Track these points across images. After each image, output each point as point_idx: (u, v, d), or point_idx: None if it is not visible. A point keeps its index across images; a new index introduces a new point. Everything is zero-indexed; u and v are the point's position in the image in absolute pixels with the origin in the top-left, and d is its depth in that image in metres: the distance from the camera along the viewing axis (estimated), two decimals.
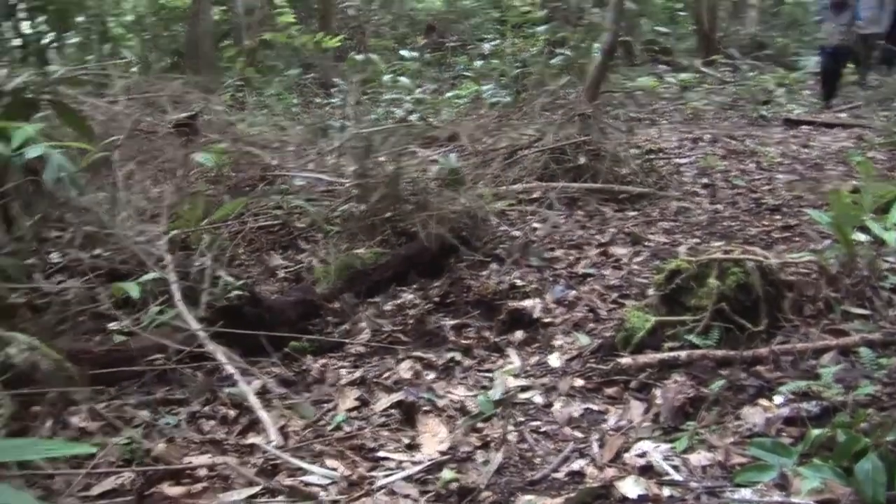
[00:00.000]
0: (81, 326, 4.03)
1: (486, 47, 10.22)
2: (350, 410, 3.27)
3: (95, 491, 2.74)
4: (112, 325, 3.99)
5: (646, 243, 5.19)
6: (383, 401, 3.31)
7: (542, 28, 9.47)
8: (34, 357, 2.96)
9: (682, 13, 15.20)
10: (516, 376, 3.54)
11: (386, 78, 8.47)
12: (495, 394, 3.33)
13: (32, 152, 3.93)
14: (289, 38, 9.65)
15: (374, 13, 13.97)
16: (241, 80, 9.15)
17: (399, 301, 4.34)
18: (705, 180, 6.79)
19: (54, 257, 4.75)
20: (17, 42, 9.30)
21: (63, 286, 4.36)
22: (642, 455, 2.81)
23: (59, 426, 3.17)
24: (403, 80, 8.17)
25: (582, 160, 6.39)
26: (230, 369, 3.36)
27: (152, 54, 11.53)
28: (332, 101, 9.20)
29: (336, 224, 5.06)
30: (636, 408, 3.18)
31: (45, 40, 9.75)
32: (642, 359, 3.42)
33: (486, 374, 3.57)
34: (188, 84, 7.91)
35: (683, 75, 12.19)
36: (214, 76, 9.28)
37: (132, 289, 3.70)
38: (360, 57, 7.86)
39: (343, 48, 10.82)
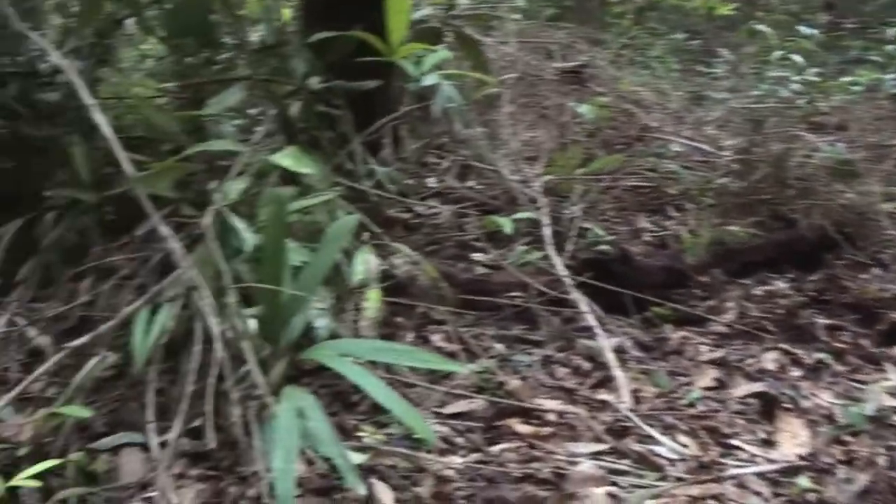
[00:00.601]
0: (447, 251, 4.18)
1: (893, 33, 9.33)
2: (706, 389, 3.11)
3: (448, 410, 2.82)
4: (476, 256, 4.09)
5: None
6: (742, 387, 3.12)
7: None
8: (414, 271, 3.08)
9: None
10: (892, 395, 3.19)
11: (776, 54, 7.94)
12: (867, 408, 3.02)
13: (428, 80, 4.08)
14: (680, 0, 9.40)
15: None
16: (626, 37, 9.06)
17: (769, 287, 4.07)
18: None
19: (431, 182, 4.95)
20: None
21: (435, 210, 4.54)
22: None
23: (419, 341, 3.31)
24: (796, 58, 7.62)
25: None
26: (590, 321, 3.31)
27: (540, 2, 11.69)
28: (715, 70, 8.85)
29: (709, 196, 4.85)
30: None
31: None
32: None
33: (858, 385, 3.25)
34: (573, 35, 7.95)
35: None
36: (599, 30, 9.26)
37: (506, 224, 3.75)
38: (760, 27, 7.44)
39: (732, 18, 10.37)
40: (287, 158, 2.85)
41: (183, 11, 3.52)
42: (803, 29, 8.74)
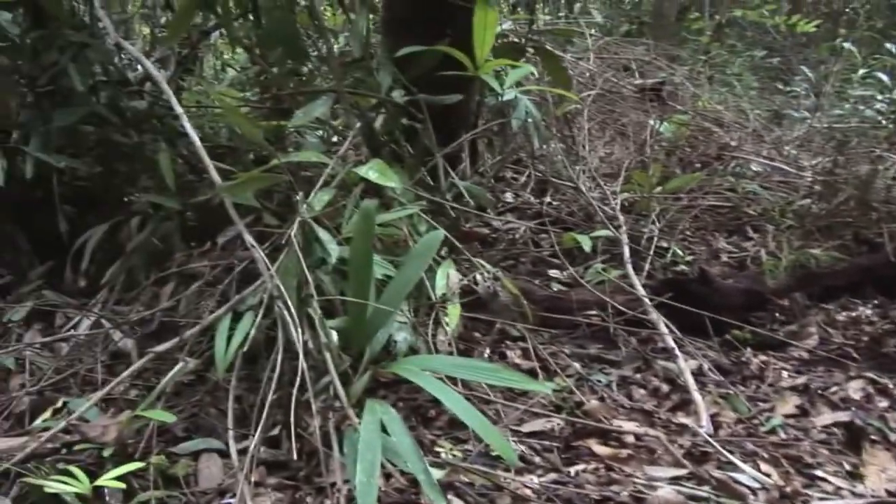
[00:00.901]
0: (523, 267, 4.16)
1: None
2: (787, 417, 3.03)
3: (526, 428, 2.79)
4: (553, 272, 4.06)
5: None
6: (826, 416, 3.03)
7: None
8: (495, 287, 3.07)
9: None
10: None
11: (860, 72, 7.78)
12: None
13: (507, 95, 4.07)
14: (761, 17, 9.22)
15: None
16: (705, 54, 8.97)
17: (853, 313, 3.97)
18: None
19: (507, 197, 4.94)
20: None
21: (512, 225, 4.52)
22: None
23: (495, 357, 3.29)
24: (881, 76, 7.44)
25: None
26: (669, 342, 3.26)
27: (616, 19, 11.63)
28: (795, 88, 8.70)
29: (790, 218, 4.76)
30: None
31: None
32: None
33: None
34: (650, 51, 7.88)
35: None
36: (677, 46, 9.16)
37: (585, 241, 3.72)
38: (847, 45, 7.30)
39: (813, 35, 10.18)
40: (373, 171, 2.85)
41: (274, 23, 3.56)
42: (890, 46, 8.53)
